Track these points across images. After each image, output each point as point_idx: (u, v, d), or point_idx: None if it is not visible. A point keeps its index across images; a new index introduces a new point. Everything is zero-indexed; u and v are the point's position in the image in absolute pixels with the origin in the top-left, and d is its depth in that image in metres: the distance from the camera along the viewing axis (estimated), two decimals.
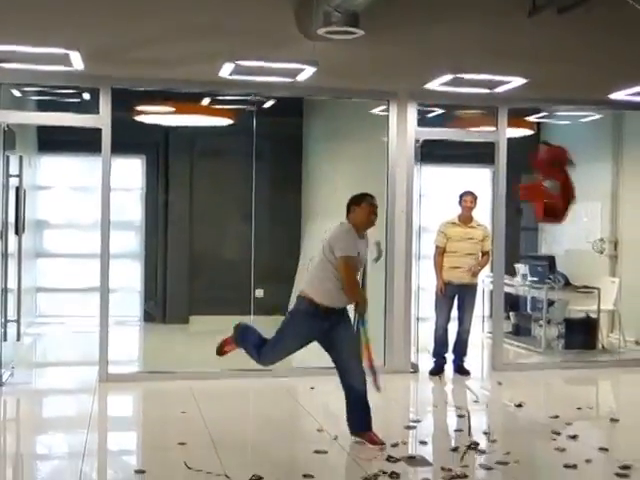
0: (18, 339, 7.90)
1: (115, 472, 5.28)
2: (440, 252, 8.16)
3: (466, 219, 8.23)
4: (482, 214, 8.58)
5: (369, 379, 5.48)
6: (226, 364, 7.90)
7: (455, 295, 8.19)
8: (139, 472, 4.93)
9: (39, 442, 5.93)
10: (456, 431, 6.00)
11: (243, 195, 10.11)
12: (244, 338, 5.71)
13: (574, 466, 5.06)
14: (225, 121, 9.97)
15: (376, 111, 8.61)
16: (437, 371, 8.12)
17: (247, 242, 9.88)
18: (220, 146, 11.06)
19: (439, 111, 8.82)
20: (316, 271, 5.55)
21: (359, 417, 5.53)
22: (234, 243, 10.85)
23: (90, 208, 8.70)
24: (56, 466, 5.29)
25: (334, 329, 5.46)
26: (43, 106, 8.75)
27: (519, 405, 6.77)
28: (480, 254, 8.21)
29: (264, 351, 5.57)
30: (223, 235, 11.12)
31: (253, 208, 9.69)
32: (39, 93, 8.51)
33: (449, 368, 8.21)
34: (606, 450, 5.47)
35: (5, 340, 7.59)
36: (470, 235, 8.18)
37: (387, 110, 8.13)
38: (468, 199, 8.18)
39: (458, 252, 8.11)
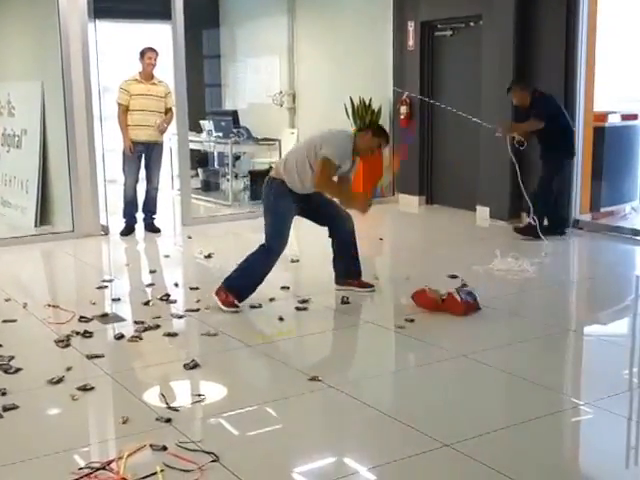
0: None
1: None
2: (123, 110, 8.02)
3: (148, 76, 8.12)
4: (164, 71, 8.53)
5: None
6: None
7: (142, 154, 8.16)
8: None
9: None
10: (148, 286, 6.13)
11: None
12: (236, 281, 5.43)
13: (259, 305, 5.44)
14: None
15: None
16: (128, 231, 8.15)
17: None
18: None
19: None
20: (296, 163, 5.35)
21: (352, 264, 5.70)
22: None
23: None
24: None
25: (310, 200, 5.48)
26: None
27: (208, 256, 7.05)
28: (164, 111, 8.19)
29: (269, 246, 5.36)
30: None
31: None
32: None
33: (140, 227, 8.27)
34: (287, 288, 5.91)
35: None
36: (153, 92, 8.11)
37: None
38: (152, 56, 8.06)
39: (143, 110, 8.03)
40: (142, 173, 8.28)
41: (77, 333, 4.87)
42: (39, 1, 8.32)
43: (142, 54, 8.08)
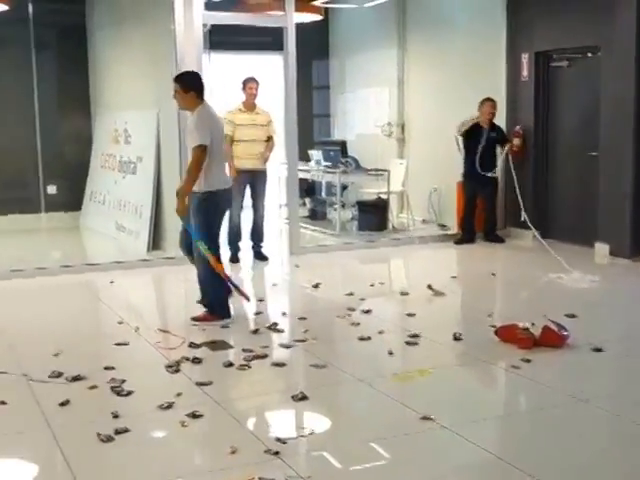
0: None
1: None
2: (228, 141, 8.12)
3: (250, 105, 8.23)
4: (269, 100, 8.65)
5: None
6: (17, 264, 7.64)
7: (247, 183, 8.24)
8: None
9: None
10: (256, 314, 6.13)
11: (24, 86, 9.52)
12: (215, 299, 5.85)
13: (368, 338, 5.36)
14: None
15: None
16: (234, 259, 8.21)
17: (32, 137, 9.38)
18: None
19: None
20: None
21: None
22: (18, 138, 10.22)
23: None
24: None
25: None
26: None
27: (316, 286, 7.01)
28: (266, 139, 8.27)
29: None
30: (5, 130, 10.41)
31: (36, 100, 9.16)
32: None
33: (248, 255, 8.32)
34: (398, 321, 5.80)
35: None
36: (256, 121, 8.21)
37: None
38: (253, 86, 8.16)
39: (248, 140, 8.12)
40: (247, 202, 8.36)
41: (187, 359, 4.90)
42: (158, 34, 8.55)
43: (244, 83, 8.21)
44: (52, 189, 10.03)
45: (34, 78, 9.09)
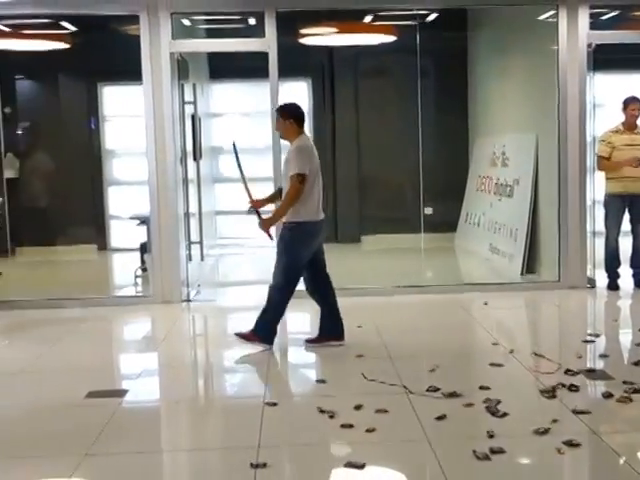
0: (202, 259, 8.38)
1: (297, 382, 5.55)
2: (603, 162, 7.84)
3: (630, 126, 7.85)
4: None
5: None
6: (398, 281, 8.09)
7: (625, 206, 7.87)
8: (320, 382, 5.18)
9: (226, 355, 6.22)
10: (638, 345, 5.84)
11: (409, 113, 10.02)
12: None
13: None
14: (388, 38, 9.87)
15: (544, 17, 8.25)
16: (614, 285, 7.88)
17: (415, 161, 9.85)
18: (384, 64, 11.00)
19: (613, 12, 8.33)
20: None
21: (338, 320, 6.04)
22: (402, 162, 10.83)
23: (262, 133, 8.89)
24: (242, 377, 5.59)
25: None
26: (212, 34, 8.98)
27: None
28: None
29: None
30: (391, 154, 11.11)
31: (420, 126, 9.60)
32: (207, 21, 8.74)
33: (629, 282, 7.93)
34: None
35: (190, 260, 8.04)
36: (637, 141, 7.80)
37: (556, 15, 7.78)
38: (635, 107, 7.79)
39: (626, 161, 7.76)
40: (627, 226, 7.96)
41: (563, 385, 4.81)
42: (539, 56, 8.55)
43: (625, 104, 7.85)
44: (428, 210, 10.42)
45: (419, 105, 9.54)
